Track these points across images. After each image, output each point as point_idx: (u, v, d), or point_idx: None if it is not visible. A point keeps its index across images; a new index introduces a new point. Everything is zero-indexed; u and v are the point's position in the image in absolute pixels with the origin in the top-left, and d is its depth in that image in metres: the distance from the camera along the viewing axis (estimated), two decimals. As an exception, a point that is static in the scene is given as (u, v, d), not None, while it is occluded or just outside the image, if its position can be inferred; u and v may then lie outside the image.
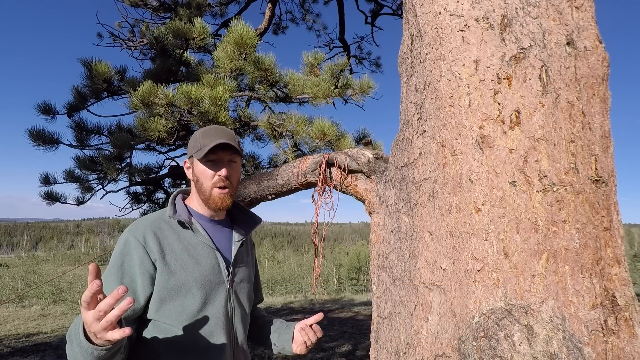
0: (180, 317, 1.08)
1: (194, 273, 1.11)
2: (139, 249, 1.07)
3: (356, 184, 1.52)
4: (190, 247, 1.15)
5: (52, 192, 3.58)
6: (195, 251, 1.15)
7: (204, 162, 1.18)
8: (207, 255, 1.16)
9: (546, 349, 0.75)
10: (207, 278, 1.13)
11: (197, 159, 1.18)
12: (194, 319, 1.09)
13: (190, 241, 1.16)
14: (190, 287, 1.10)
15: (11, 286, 15.39)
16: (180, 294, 1.09)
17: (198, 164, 1.19)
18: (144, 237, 1.10)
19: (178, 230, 1.16)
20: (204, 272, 1.13)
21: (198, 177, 1.20)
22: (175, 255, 1.11)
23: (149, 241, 1.09)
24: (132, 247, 1.08)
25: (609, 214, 0.89)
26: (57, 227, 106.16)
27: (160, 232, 1.13)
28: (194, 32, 3.53)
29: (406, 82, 1.19)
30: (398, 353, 1.12)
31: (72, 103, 3.59)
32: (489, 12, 0.96)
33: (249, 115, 3.55)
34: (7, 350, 5.65)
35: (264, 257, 41.82)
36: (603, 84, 0.92)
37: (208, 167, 1.18)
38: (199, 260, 1.14)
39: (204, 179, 1.18)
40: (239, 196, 1.78)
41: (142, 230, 1.11)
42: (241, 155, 1.27)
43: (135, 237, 1.09)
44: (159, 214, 1.19)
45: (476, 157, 0.92)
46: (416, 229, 1.07)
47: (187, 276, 1.10)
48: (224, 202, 1.19)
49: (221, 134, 1.19)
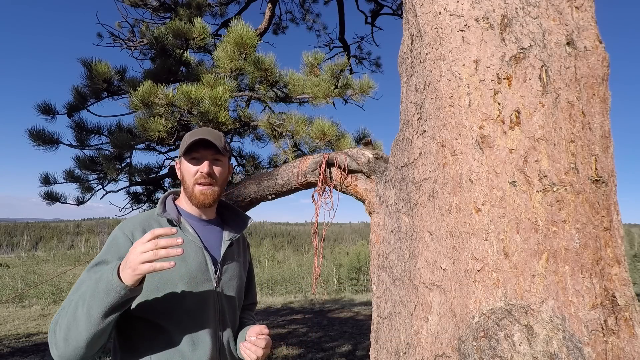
0: (164, 313, 1.09)
1: (179, 269, 1.12)
2: (126, 244, 1.09)
3: (356, 184, 1.52)
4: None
5: (52, 192, 3.58)
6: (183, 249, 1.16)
7: (188, 160, 1.21)
8: (194, 253, 1.17)
9: (546, 349, 0.75)
10: (193, 275, 1.14)
11: (181, 155, 1.22)
12: (179, 315, 1.11)
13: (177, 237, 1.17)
14: (176, 283, 1.11)
15: (11, 286, 15.39)
16: (165, 289, 1.10)
17: (183, 161, 1.23)
18: (132, 233, 1.13)
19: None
20: (190, 269, 1.15)
21: (183, 174, 1.23)
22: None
23: (136, 237, 1.12)
24: (120, 242, 1.10)
25: (609, 214, 0.89)
26: (57, 227, 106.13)
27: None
28: (194, 32, 3.53)
29: (406, 82, 1.19)
30: (398, 353, 1.12)
31: (72, 103, 3.59)
32: (489, 12, 0.95)
33: (249, 115, 3.55)
34: (7, 350, 5.65)
35: (264, 257, 41.83)
36: (603, 84, 0.92)
37: (192, 164, 1.21)
38: (185, 257, 1.15)
39: (187, 176, 1.22)
40: (239, 196, 1.78)
41: (131, 227, 1.14)
42: (227, 155, 1.28)
43: (124, 233, 1.12)
44: (148, 213, 1.22)
45: (476, 157, 0.92)
46: (416, 229, 1.07)
47: (172, 272, 1.11)
48: (205, 198, 1.21)
49: (206, 133, 1.21)
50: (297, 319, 8.46)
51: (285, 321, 8.13)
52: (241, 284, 1.33)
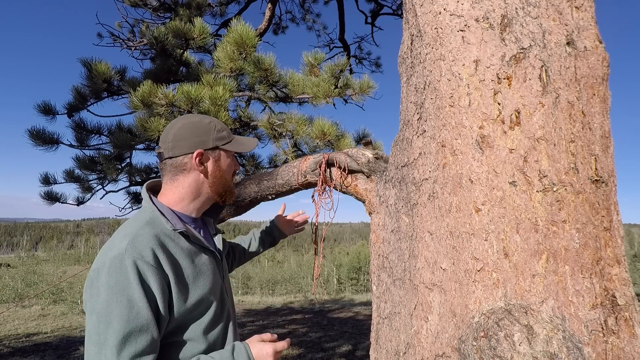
0: (202, 334, 1.04)
1: (205, 286, 1.05)
2: (156, 274, 0.92)
3: (356, 184, 1.52)
4: (194, 257, 1.07)
5: (52, 192, 3.59)
6: (199, 260, 1.08)
7: (232, 157, 1.17)
8: (208, 261, 1.11)
9: (546, 349, 0.75)
10: (214, 282, 1.09)
11: (226, 149, 1.12)
12: (211, 325, 1.06)
13: (190, 250, 1.06)
14: (205, 300, 1.04)
15: (11, 286, 15.39)
16: (199, 311, 1.03)
17: (225, 157, 1.12)
18: (155, 261, 0.93)
19: (177, 240, 1.03)
20: (212, 279, 1.08)
21: (223, 170, 1.12)
22: (186, 272, 1.02)
23: (162, 263, 0.94)
24: (149, 275, 0.91)
25: (609, 214, 0.89)
26: (57, 227, 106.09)
27: (164, 249, 0.98)
28: (194, 32, 3.53)
29: (406, 82, 1.19)
30: (398, 353, 1.12)
31: (72, 103, 3.59)
32: (489, 12, 0.95)
33: (249, 115, 3.55)
34: (7, 350, 5.65)
35: (264, 257, 41.81)
36: (603, 84, 0.92)
37: (235, 161, 1.19)
38: (203, 270, 1.07)
39: (228, 173, 1.15)
40: (239, 196, 1.78)
41: (150, 253, 0.93)
42: None
43: (148, 262, 0.91)
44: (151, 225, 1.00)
45: (476, 157, 0.92)
46: (416, 229, 1.07)
47: (200, 292, 1.04)
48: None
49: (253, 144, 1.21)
50: (297, 319, 8.46)
51: (285, 321, 8.13)
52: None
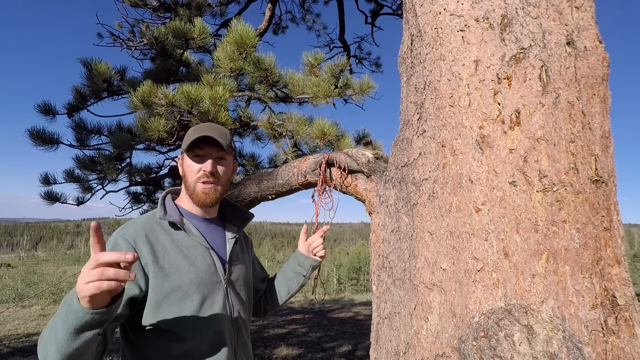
0: (178, 321, 1.05)
1: (189, 275, 1.09)
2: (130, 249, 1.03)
3: (356, 184, 1.52)
4: (184, 248, 1.12)
5: (52, 192, 3.59)
6: (190, 252, 1.12)
7: (191, 157, 1.17)
8: (201, 255, 1.14)
9: (546, 349, 0.75)
10: (204, 279, 1.11)
11: (184, 151, 1.18)
12: (193, 322, 1.07)
13: (183, 242, 1.13)
14: (187, 289, 1.07)
15: (11, 286, 15.40)
16: (177, 297, 1.06)
17: (186, 158, 1.18)
18: (134, 239, 1.05)
19: (170, 232, 1.13)
20: (200, 272, 1.11)
21: (185, 171, 1.19)
22: (169, 257, 1.08)
23: (139, 244, 1.05)
24: (123, 249, 1.02)
25: (609, 214, 0.89)
26: (57, 227, 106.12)
27: (152, 235, 1.09)
28: (194, 32, 3.53)
29: (406, 82, 1.19)
30: (398, 353, 1.12)
31: (72, 103, 3.59)
32: (489, 12, 0.95)
33: (249, 115, 3.55)
34: (7, 350, 5.65)
35: (264, 257, 41.81)
36: (603, 84, 0.92)
37: (195, 161, 1.17)
38: (194, 261, 1.12)
39: (189, 174, 1.17)
40: (239, 196, 1.78)
41: (132, 232, 1.07)
42: (232, 154, 1.24)
43: (126, 238, 1.05)
44: (149, 216, 1.15)
45: (476, 157, 0.92)
46: (416, 229, 1.07)
47: (182, 278, 1.07)
48: (207, 197, 1.16)
49: (211, 130, 1.16)
50: (297, 319, 8.46)
51: (285, 321, 8.13)
52: (249, 281, 1.30)
